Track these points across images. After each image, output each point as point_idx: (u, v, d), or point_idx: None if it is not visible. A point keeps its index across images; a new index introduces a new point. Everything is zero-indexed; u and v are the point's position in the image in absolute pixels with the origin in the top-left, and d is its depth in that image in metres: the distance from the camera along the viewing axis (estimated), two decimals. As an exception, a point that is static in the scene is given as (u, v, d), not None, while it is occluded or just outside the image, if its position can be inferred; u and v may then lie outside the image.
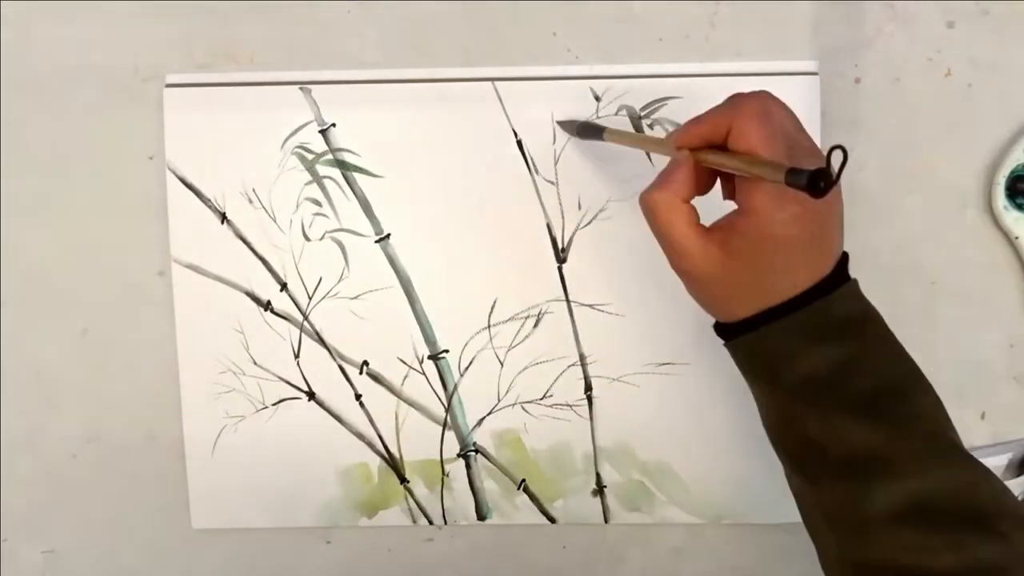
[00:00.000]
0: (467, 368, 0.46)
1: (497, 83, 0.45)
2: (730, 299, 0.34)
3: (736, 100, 0.33)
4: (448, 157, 0.45)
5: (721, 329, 0.35)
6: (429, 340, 0.46)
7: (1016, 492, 0.44)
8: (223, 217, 0.46)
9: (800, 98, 0.44)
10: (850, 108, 0.45)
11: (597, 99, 0.45)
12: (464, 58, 0.45)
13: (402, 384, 0.47)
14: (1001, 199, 0.44)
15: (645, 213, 0.34)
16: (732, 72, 0.45)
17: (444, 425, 0.47)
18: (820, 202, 0.29)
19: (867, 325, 0.34)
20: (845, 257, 0.34)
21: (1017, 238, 0.45)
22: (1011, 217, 0.45)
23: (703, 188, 0.34)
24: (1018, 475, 0.45)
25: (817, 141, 0.44)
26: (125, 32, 0.46)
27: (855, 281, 0.34)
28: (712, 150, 0.33)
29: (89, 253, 0.47)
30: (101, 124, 0.46)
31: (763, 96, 0.32)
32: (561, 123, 0.45)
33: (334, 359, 0.47)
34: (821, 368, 0.32)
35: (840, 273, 0.34)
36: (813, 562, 0.48)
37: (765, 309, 0.33)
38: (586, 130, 0.43)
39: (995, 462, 0.46)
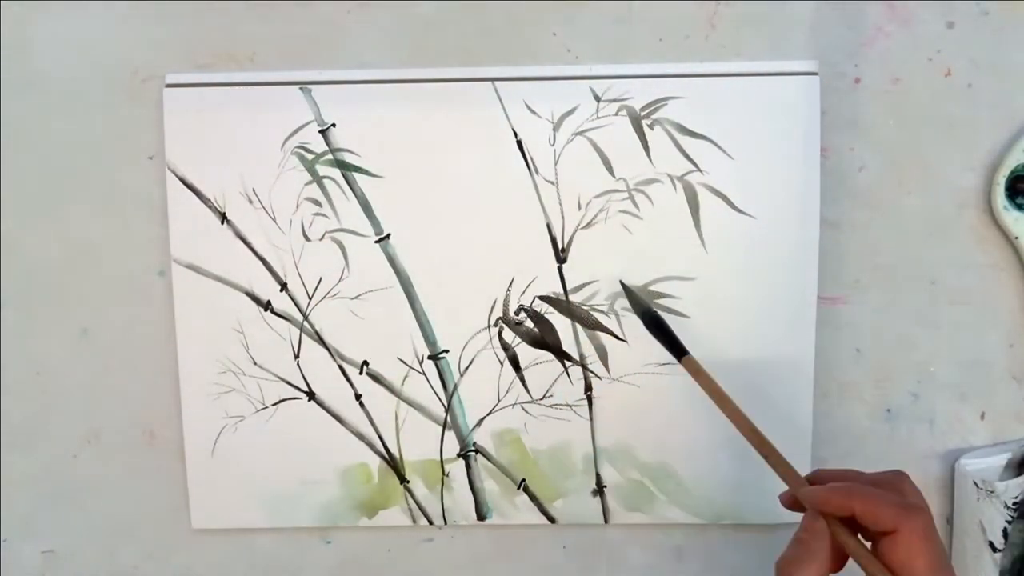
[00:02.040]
0: (467, 368, 0.46)
1: (497, 83, 0.45)
2: None
3: (906, 507, 0.31)
4: (448, 157, 0.45)
5: None
6: (429, 340, 0.46)
7: (1015, 492, 0.44)
8: (223, 217, 0.46)
9: (800, 98, 0.44)
10: (850, 108, 0.45)
11: (597, 99, 0.45)
12: (464, 58, 0.45)
13: (402, 384, 0.47)
14: (1001, 199, 0.44)
15: None
16: (732, 72, 0.45)
17: (444, 425, 0.47)
18: None
19: None
20: None
21: (1017, 238, 0.45)
22: (1011, 217, 0.45)
23: (837, 566, 0.33)
24: (1017, 475, 0.45)
25: (817, 141, 0.45)
26: (125, 32, 0.46)
27: None
28: (856, 539, 0.32)
29: (89, 253, 0.47)
30: (101, 124, 0.46)
31: (929, 515, 0.32)
32: (627, 289, 0.44)
33: (334, 359, 0.47)
34: None
35: None
36: (813, 562, 0.48)
37: None
38: (653, 325, 0.42)
39: (995, 462, 0.46)
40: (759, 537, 0.48)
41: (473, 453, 0.47)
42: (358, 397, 0.47)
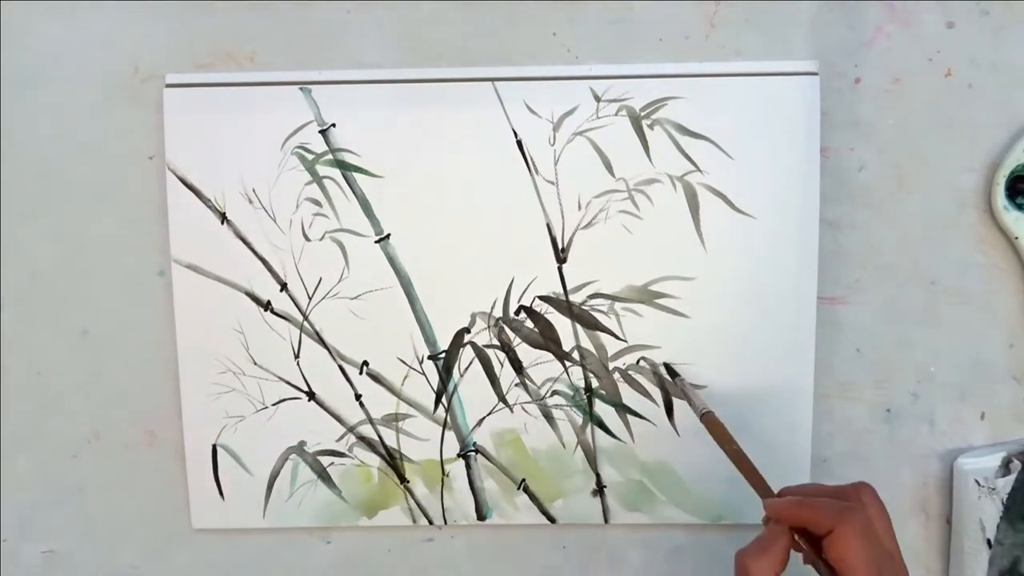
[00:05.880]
0: (467, 368, 0.46)
1: (497, 83, 0.45)
2: None
3: (841, 510, 0.34)
4: (448, 157, 0.45)
5: None
6: (429, 340, 0.46)
7: (1002, 493, 0.44)
8: (223, 217, 0.46)
9: (800, 98, 0.44)
10: (850, 108, 0.45)
11: (597, 99, 0.45)
12: (464, 58, 0.45)
13: (402, 384, 0.47)
14: (1001, 199, 0.44)
15: (739, 572, 0.36)
16: (732, 72, 0.45)
17: (444, 425, 0.47)
18: None
19: None
20: None
21: (1017, 238, 0.45)
22: (1011, 217, 0.45)
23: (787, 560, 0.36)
24: (1005, 475, 0.45)
25: (817, 141, 0.45)
26: (125, 32, 0.46)
27: None
28: (806, 541, 0.36)
29: (89, 253, 0.47)
30: (101, 124, 0.46)
31: (864, 516, 0.35)
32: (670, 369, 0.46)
33: (334, 359, 0.47)
34: None
35: None
36: (813, 562, 0.48)
37: None
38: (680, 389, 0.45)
39: (990, 462, 0.46)
40: (759, 537, 0.48)
41: (473, 453, 0.47)
42: (358, 397, 0.47)
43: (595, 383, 0.46)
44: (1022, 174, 0.45)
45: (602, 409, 0.46)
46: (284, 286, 0.46)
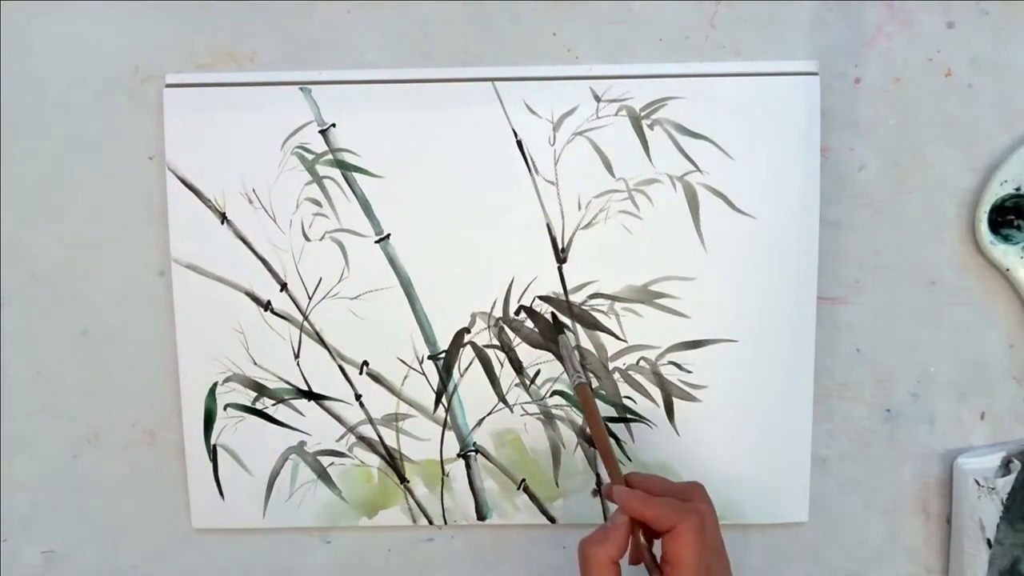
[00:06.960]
0: (467, 368, 0.46)
1: (497, 83, 0.45)
2: None
3: (682, 510, 0.37)
4: (448, 157, 0.45)
5: None
6: (429, 340, 0.46)
7: (1001, 493, 0.44)
8: (223, 217, 0.46)
9: (800, 98, 0.44)
10: (850, 108, 0.45)
11: (597, 99, 0.45)
12: (464, 58, 0.45)
13: (402, 384, 0.47)
14: (986, 235, 0.44)
15: (580, 559, 0.38)
16: (732, 72, 0.45)
17: (444, 425, 0.47)
18: None
19: None
20: None
21: (1008, 270, 0.45)
22: (998, 251, 0.45)
23: (631, 555, 0.39)
24: (1004, 475, 0.45)
25: (817, 141, 0.45)
26: (125, 32, 0.46)
27: None
28: (639, 535, 0.39)
29: (89, 253, 0.47)
30: (101, 124, 0.46)
31: (700, 516, 0.37)
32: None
33: (334, 359, 0.47)
34: None
35: None
36: (813, 562, 0.48)
37: None
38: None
39: (989, 462, 0.46)
40: (759, 537, 0.48)
41: (473, 453, 0.47)
42: (358, 397, 0.47)
43: (595, 383, 0.46)
44: (1003, 205, 0.45)
45: (602, 409, 0.46)
46: (284, 286, 0.46)
